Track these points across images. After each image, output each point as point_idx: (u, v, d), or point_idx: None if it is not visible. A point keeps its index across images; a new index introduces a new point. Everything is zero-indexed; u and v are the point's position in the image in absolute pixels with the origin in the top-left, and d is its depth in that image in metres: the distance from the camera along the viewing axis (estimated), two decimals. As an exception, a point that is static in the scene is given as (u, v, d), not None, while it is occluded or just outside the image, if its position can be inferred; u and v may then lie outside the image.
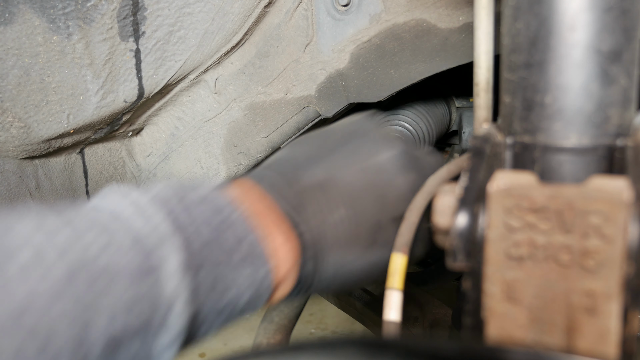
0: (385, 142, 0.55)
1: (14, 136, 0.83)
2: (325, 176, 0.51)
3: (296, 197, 0.49)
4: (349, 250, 0.51)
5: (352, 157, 0.53)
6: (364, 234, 0.51)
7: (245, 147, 1.05)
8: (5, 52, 0.77)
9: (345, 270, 0.51)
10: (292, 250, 0.47)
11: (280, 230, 0.47)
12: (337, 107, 0.96)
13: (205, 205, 0.44)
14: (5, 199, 0.90)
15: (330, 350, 0.33)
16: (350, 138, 0.56)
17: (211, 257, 0.42)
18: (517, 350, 0.32)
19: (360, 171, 0.52)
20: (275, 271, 0.46)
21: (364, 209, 0.51)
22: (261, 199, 0.48)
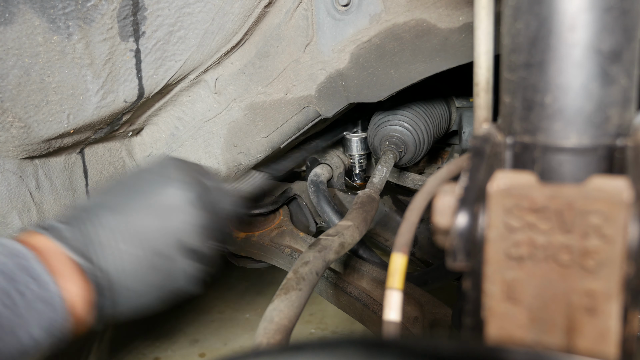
0: (171, 182, 0.65)
1: (14, 136, 0.83)
2: (107, 218, 0.61)
3: (85, 243, 0.59)
4: (135, 278, 0.61)
5: (135, 197, 0.63)
6: (144, 262, 0.61)
7: (245, 147, 1.05)
8: (5, 52, 0.77)
9: (139, 296, 0.62)
10: (81, 291, 0.57)
11: (68, 276, 0.56)
12: (337, 107, 0.96)
13: (1, 254, 0.52)
14: (5, 199, 0.90)
15: (330, 350, 0.33)
16: (137, 181, 0.66)
17: (6, 314, 0.50)
18: (517, 350, 0.32)
19: (141, 208, 0.62)
20: (63, 311, 0.54)
21: (142, 241, 0.61)
22: (51, 251, 0.57)
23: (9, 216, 0.91)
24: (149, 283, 0.62)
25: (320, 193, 1.20)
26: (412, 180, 1.34)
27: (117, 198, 0.64)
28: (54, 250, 0.57)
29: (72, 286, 0.56)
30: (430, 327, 0.93)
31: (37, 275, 0.53)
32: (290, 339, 0.69)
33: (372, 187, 1.01)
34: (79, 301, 0.56)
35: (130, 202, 0.63)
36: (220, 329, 1.73)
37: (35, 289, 0.52)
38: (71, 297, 0.55)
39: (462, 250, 0.40)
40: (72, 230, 0.60)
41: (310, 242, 1.11)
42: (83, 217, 0.61)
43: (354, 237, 0.87)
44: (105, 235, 0.60)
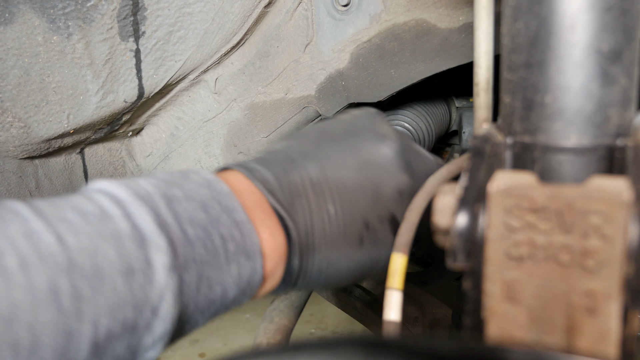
0: (382, 140, 0.55)
1: (14, 136, 0.83)
2: (317, 172, 0.51)
3: (285, 192, 0.49)
4: (336, 249, 0.51)
5: (347, 153, 0.53)
6: (351, 232, 0.51)
7: (245, 147, 1.05)
8: (5, 52, 0.77)
9: (331, 268, 0.52)
10: (279, 247, 0.47)
11: (267, 226, 0.47)
12: (337, 107, 0.96)
13: (191, 202, 0.43)
14: (5, 199, 0.90)
15: (330, 350, 0.33)
16: (348, 133, 0.55)
17: (196, 257, 0.41)
18: (517, 350, 0.32)
19: (354, 169, 0.52)
20: (259, 267, 0.46)
21: (354, 208, 0.51)
22: (250, 193, 0.48)
23: (9, 216, 0.91)
24: (349, 257, 0.52)
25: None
26: (412, 180, 1.34)
27: (323, 150, 0.53)
28: (255, 195, 0.48)
29: (270, 238, 0.47)
30: (430, 327, 0.93)
31: (241, 221, 0.45)
32: (290, 339, 0.69)
33: (372, 187, 1.01)
34: (274, 256, 0.47)
35: (341, 158, 0.53)
36: (220, 329, 1.73)
37: (238, 237, 0.44)
38: (268, 250, 0.47)
39: (462, 250, 0.40)
40: (277, 177, 0.50)
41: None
42: (288, 165, 0.51)
43: (354, 237, 0.87)
44: (313, 191, 0.50)
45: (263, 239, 0.46)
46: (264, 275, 0.47)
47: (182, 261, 0.40)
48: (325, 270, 0.51)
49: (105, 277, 0.36)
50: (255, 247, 0.45)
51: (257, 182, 0.48)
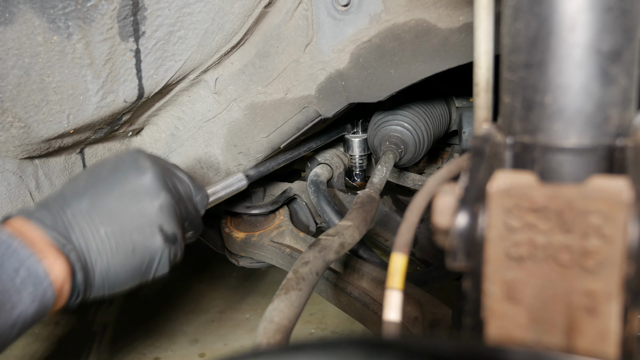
0: (141, 171, 0.70)
1: (14, 136, 0.83)
2: (87, 205, 0.66)
3: (60, 226, 0.64)
4: (113, 259, 0.66)
5: (112, 186, 0.68)
6: (123, 245, 0.66)
7: (246, 147, 1.05)
8: (5, 52, 0.77)
9: (112, 275, 0.67)
10: (63, 266, 0.62)
11: (51, 252, 0.61)
12: (337, 107, 0.96)
13: None
14: (5, 199, 0.90)
15: (330, 350, 0.33)
16: (112, 171, 0.70)
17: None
18: (517, 350, 0.32)
19: (118, 197, 0.67)
20: (53, 285, 0.60)
21: (122, 226, 0.66)
22: (32, 231, 0.62)
23: (9, 216, 0.91)
24: (126, 266, 0.67)
25: (320, 193, 1.20)
26: (412, 180, 1.34)
27: (95, 187, 0.68)
28: (34, 233, 0.62)
29: (55, 262, 0.61)
30: (430, 327, 0.93)
31: (24, 258, 0.59)
32: (290, 339, 0.69)
33: (372, 187, 1.01)
34: (61, 276, 0.61)
35: (108, 191, 0.68)
36: (220, 329, 1.73)
37: (23, 272, 0.58)
38: (56, 276, 0.61)
39: (462, 250, 0.40)
40: (53, 214, 0.65)
41: (310, 242, 1.11)
42: (61, 206, 0.66)
43: (354, 237, 0.87)
44: (85, 220, 0.65)
45: (49, 263, 0.60)
46: (56, 291, 0.61)
47: None
48: (107, 278, 0.67)
49: None
50: (44, 270, 0.59)
51: (37, 222, 0.63)
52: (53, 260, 0.61)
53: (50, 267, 0.60)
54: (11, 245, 0.59)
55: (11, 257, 0.58)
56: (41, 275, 0.59)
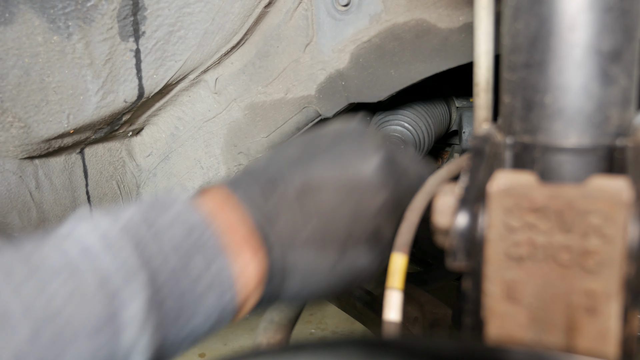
0: (365, 158, 0.55)
1: (14, 136, 0.83)
2: (302, 184, 0.52)
3: (270, 206, 0.50)
4: (317, 263, 0.51)
5: (333, 165, 0.54)
6: (331, 248, 0.52)
7: (246, 147, 1.05)
8: (5, 52, 0.77)
9: (312, 282, 0.52)
10: (259, 267, 0.48)
11: (249, 245, 0.48)
12: (337, 107, 0.96)
13: (176, 228, 0.45)
14: (5, 199, 0.90)
15: (330, 350, 0.33)
16: (335, 144, 0.56)
17: (177, 287, 0.43)
18: (517, 350, 0.32)
19: (339, 182, 0.53)
20: (240, 294, 0.47)
21: (335, 224, 0.52)
22: (234, 210, 0.49)
23: (9, 216, 0.91)
24: (329, 271, 0.53)
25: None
26: (412, 180, 1.34)
27: (309, 162, 0.54)
28: (238, 217, 0.49)
29: (248, 270, 0.47)
30: (430, 327, 0.93)
31: (213, 257, 0.46)
32: (290, 339, 0.69)
33: (372, 187, 1.01)
34: (255, 277, 0.48)
35: (324, 170, 0.53)
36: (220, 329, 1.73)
37: (211, 273, 0.45)
38: (249, 272, 0.47)
39: (462, 250, 0.40)
40: (262, 190, 0.51)
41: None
42: (272, 176, 0.52)
43: (354, 237, 0.87)
44: (297, 205, 0.51)
45: (244, 261, 0.47)
46: (242, 300, 0.48)
47: (162, 294, 0.42)
48: (306, 284, 0.52)
49: (84, 324, 0.38)
50: (235, 273, 0.46)
51: (242, 198, 0.50)
52: (249, 259, 0.47)
53: (242, 270, 0.47)
54: (204, 233, 0.46)
55: (201, 250, 0.45)
56: (230, 280, 0.46)
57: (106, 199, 1.06)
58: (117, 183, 1.08)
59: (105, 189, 1.06)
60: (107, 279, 0.39)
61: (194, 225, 0.46)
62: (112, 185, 1.07)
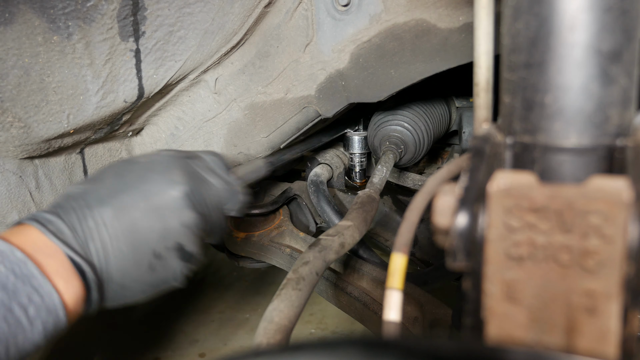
0: (171, 185, 0.65)
1: (14, 136, 0.83)
2: (110, 217, 0.61)
3: (80, 239, 0.59)
4: (130, 277, 0.62)
5: (138, 198, 0.63)
6: (142, 263, 0.63)
7: (245, 147, 1.05)
8: (5, 52, 0.77)
9: (127, 292, 0.64)
10: (76, 290, 0.58)
11: (62, 276, 0.56)
12: (337, 107, 0.96)
13: (2, 267, 0.53)
14: (5, 199, 0.90)
15: (330, 350, 0.33)
16: (141, 180, 0.65)
17: (7, 330, 0.50)
18: (517, 350, 0.32)
19: (144, 211, 0.63)
20: (66, 309, 0.56)
21: (144, 243, 0.62)
22: (45, 247, 0.57)
23: (9, 216, 0.91)
24: (142, 281, 0.64)
25: (320, 193, 1.20)
26: (412, 180, 1.34)
27: (118, 195, 0.63)
28: (50, 248, 0.57)
29: (68, 287, 0.57)
30: (430, 327, 0.93)
31: (38, 285, 0.54)
32: (290, 339, 0.69)
33: (372, 187, 1.01)
34: (74, 300, 0.58)
35: (133, 203, 0.63)
36: (220, 329, 1.73)
37: (37, 300, 0.53)
38: (68, 298, 0.57)
39: (462, 250, 0.40)
40: (71, 226, 0.60)
41: (310, 242, 1.11)
42: (80, 213, 0.61)
43: (354, 237, 0.87)
44: (106, 235, 0.60)
45: (60, 290, 0.56)
46: (71, 315, 0.58)
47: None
48: (122, 293, 0.63)
49: None
50: (55, 302, 0.55)
51: (51, 235, 0.58)
52: (67, 282, 0.57)
53: (65, 289, 0.56)
54: (26, 266, 0.54)
55: (25, 282, 0.53)
56: (56, 302, 0.55)
57: (106, 199, 1.06)
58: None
59: (105, 189, 1.06)
60: None
61: (17, 261, 0.54)
62: (112, 185, 1.07)
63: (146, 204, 0.63)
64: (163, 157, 0.69)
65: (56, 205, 0.63)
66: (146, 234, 0.62)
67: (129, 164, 0.68)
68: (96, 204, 0.62)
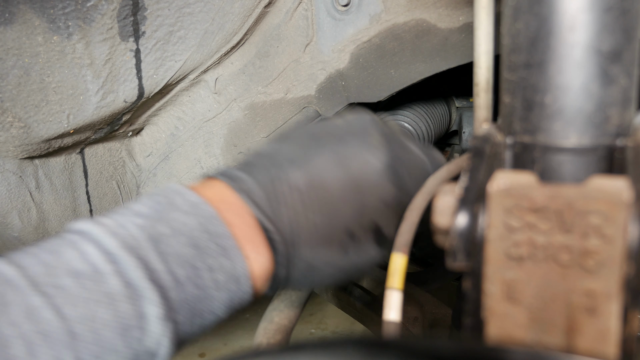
0: (371, 151, 0.55)
1: (14, 136, 0.83)
2: (304, 181, 0.51)
3: (272, 202, 0.50)
4: (320, 257, 0.52)
5: (335, 163, 0.53)
6: (335, 242, 0.52)
7: (246, 147, 1.05)
8: (5, 52, 0.77)
9: (316, 274, 0.53)
10: (265, 263, 0.49)
11: (253, 244, 0.48)
12: (337, 107, 0.96)
13: (179, 238, 0.45)
14: (5, 199, 0.90)
15: (330, 350, 0.33)
16: (337, 142, 0.55)
17: (188, 297, 0.44)
18: (517, 350, 0.32)
19: (340, 179, 0.53)
20: (248, 289, 0.48)
21: (339, 218, 0.52)
22: (235, 208, 0.49)
23: (9, 216, 0.91)
24: (332, 264, 0.54)
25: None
26: (412, 180, 1.34)
27: (312, 157, 0.54)
28: (241, 209, 0.49)
29: (258, 257, 0.48)
30: (430, 327, 0.93)
31: (229, 247, 0.46)
32: (290, 339, 0.69)
33: (372, 187, 1.01)
34: (262, 274, 0.49)
35: (329, 168, 0.53)
36: (220, 329, 1.73)
37: (226, 266, 0.46)
38: (256, 270, 0.48)
39: (462, 250, 0.40)
40: (263, 187, 0.51)
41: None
42: (273, 173, 0.52)
43: (354, 237, 0.87)
44: (300, 200, 0.51)
45: (250, 259, 0.47)
46: (256, 289, 0.49)
47: (175, 305, 0.43)
48: (310, 276, 0.53)
49: (105, 342, 0.39)
50: (244, 271, 0.47)
51: (242, 194, 0.49)
52: (257, 250, 0.48)
53: (254, 259, 0.48)
54: (217, 223, 0.46)
55: (218, 243, 0.46)
56: (246, 272, 0.47)
57: (106, 199, 1.06)
58: (117, 183, 1.08)
59: (105, 189, 1.06)
60: (131, 282, 0.41)
61: (208, 216, 0.46)
62: (112, 185, 1.07)
63: (344, 172, 0.53)
64: (363, 118, 0.60)
65: (247, 163, 0.54)
66: (342, 207, 0.52)
67: (324, 124, 0.59)
68: (288, 164, 0.52)
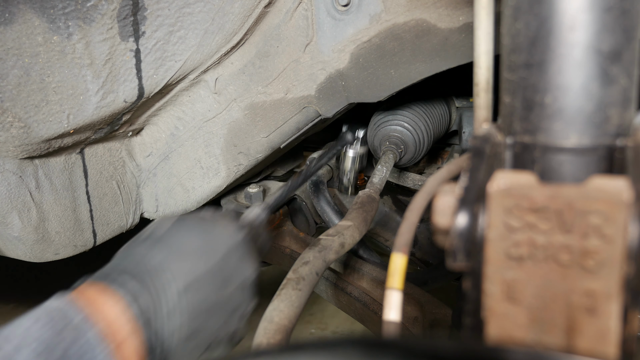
0: (248, 269, 0.69)
1: (14, 136, 0.83)
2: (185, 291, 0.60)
3: (156, 312, 0.58)
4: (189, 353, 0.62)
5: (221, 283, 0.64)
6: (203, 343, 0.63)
7: (246, 147, 1.05)
8: (5, 52, 0.77)
9: None
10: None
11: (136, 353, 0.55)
12: (337, 107, 0.96)
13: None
14: (5, 199, 0.90)
15: (330, 350, 0.33)
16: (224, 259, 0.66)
17: None
18: (517, 350, 0.32)
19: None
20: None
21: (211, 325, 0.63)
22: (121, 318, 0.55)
23: (9, 216, 0.91)
24: (205, 345, 0.64)
25: (320, 193, 1.20)
26: (412, 180, 1.34)
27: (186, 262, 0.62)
28: (121, 318, 0.55)
29: None
30: (430, 327, 0.93)
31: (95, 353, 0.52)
32: (290, 339, 0.69)
33: (372, 187, 1.01)
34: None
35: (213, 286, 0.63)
36: (220, 329, 1.73)
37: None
38: None
39: (462, 250, 0.40)
40: (142, 293, 0.58)
41: (310, 242, 1.11)
42: (153, 279, 0.59)
43: (354, 237, 0.87)
44: (175, 306, 0.59)
45: None
46: None
47: None
48: None
49: None
50: None
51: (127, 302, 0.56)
52: (133, 353, 0.54)
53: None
54: (86, 334, 0.52)
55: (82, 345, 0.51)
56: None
57: (106, 199, 1.06)
58: (117, 183, 1.08)
59: (105, 189, 1.06)
60: None
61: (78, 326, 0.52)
62: (112, 185, 1.07)
63: (225, 289, 0.65)
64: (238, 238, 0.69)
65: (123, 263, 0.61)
66: (214, 316, 0.63)
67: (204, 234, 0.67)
68: (160, 270, 0.60)
